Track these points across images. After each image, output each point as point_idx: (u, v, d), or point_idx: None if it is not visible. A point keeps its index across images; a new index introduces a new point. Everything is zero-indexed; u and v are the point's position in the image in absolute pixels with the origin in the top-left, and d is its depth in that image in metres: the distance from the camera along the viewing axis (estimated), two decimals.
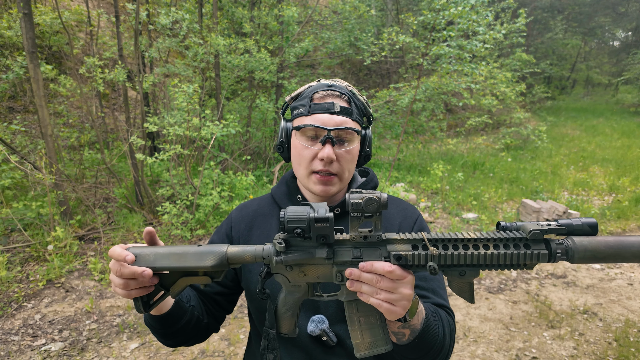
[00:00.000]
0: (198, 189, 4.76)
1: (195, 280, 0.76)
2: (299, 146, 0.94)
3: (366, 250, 0.71)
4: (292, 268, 0.74)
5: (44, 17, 6.20)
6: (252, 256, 0.73)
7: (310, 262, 0.73)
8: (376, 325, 0.76)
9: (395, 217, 1.04)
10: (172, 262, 0.73)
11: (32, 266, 3.82)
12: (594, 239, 0.66)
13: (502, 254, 0.66)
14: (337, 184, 0.95)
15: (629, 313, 3.44)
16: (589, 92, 20.53)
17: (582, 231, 0.67)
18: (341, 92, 0.94)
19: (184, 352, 2.92)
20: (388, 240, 0.70)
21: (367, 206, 0.66)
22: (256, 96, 6.99)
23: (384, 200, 0.66)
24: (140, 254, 0.74)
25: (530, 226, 0.66)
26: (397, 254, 0.69)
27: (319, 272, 0.74)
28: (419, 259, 0.68)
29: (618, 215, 5.59)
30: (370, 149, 1.00)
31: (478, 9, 6.15)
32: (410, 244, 0.70)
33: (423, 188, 6.67)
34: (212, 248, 0.74)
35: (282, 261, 0.71)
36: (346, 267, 0.72)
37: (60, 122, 6.79)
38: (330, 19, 8.77)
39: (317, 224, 0.68)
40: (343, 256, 0.71)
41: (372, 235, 0.70)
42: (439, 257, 0.67)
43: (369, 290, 0.69)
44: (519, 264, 0.67)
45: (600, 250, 0.65)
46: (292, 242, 0.72)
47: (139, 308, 0.76)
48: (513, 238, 0.67)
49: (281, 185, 1.08)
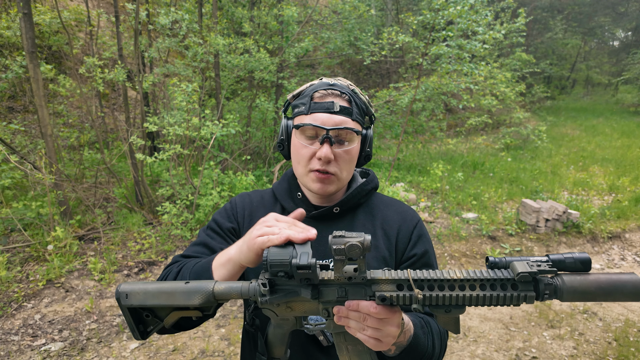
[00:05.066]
0: (198, 189, 4.76)
1: (187, 313, 0.77)
2: (298, 145, 0.94)
3: (351, 289, 0.70)
4: (279, 305, 0.74)
5: (44, 16, 6.19)
6: (238, 294, 0.73)
7: (296, 299, 0.72)
8: (364, 352, 0.76)
9: (394, 220, 1.03)
10: (162, 301, 0.74)
11: (32, 266, 3.82)
12: (585, 279, 0.64)
13: (487, 295, 0.65)
14: (335, 184, 0.95)
15: (629, 313, 3.44)
16: (588, 92, 20.52)
17: (574, 268, 0.65)
18: (342, 91, 0.93)
19: (183, 352, 2.92)
20: (373, 281, 0.69)
21: (350, 252, 0.65)
22: (256, 96, 6.98)
23: (367, 245, 0.64)
24: (131, 292, 0.75)
25: (520, 267, 0.64)
26: (381, 295, 0.68)
27: (306, 308, 0.74)
28: (403, 300, 0.67)
29: (618, 215, 5.59)
30: (370, 149, 1.00)
31: (477, 9, 6.15)
32: (395, 284, 0.68)
33: (423, 188, 6.67)
34: (199, 286, 0.73)
35: (267, 302, 0.71)
36: (332, 304, 0.71)
37: (60, 122, 6.79)
38: (330, 19, 8.77)
39: (300, 270, 0.66)
40: (328, 295, 0.71)
41: (357, 276, 0.68)
42: (423, 299, 0.66)
43: (356, 326, 0.70)
44: (505, 303, 0.66)
45: (591, 291, 0.63)
46: (277, 282, 0.71)
47: (136, 336, 0.78)
48: (500, 279, 0.66)
49: (282, 181, 1.08)
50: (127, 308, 0.76)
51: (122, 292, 0.75)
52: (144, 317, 0.78)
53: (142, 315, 0.78)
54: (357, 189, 1.03)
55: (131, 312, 0.77)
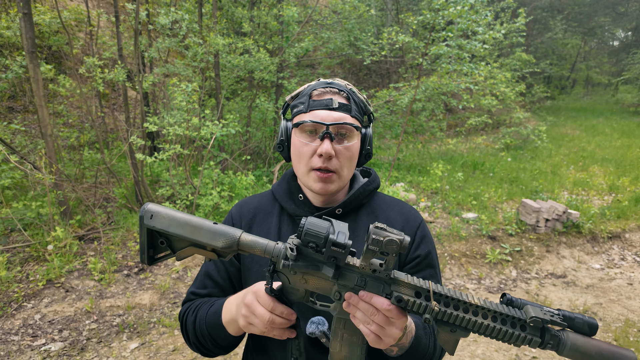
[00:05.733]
0: (198, 189, 4.76)
1: (202, 252, 0.76)
2: (298, 143, 0.94)
3: (371, 282, 0.71)
4: (295, 273, 0.74)
5: (43, 16, 6.20)
6: (262, 250, 0.74)
7: (315, 274, 0.73)
8: (357, 345, 0.78)
9: (397, 221, 1.02)
10: (185, 232, 0.74)
11: (32, 266, 3.82)
12: (588, 342, 0.66)
13: (497, 328, 0.67)
14: (337, 182, 0.94)
15: (629, 313, 3.44)
16: (588, 92, 20.52)
17: (581, 329, 0.68)
18: (340, 89, 0.94)
19: (183, 352, 2.92)
20: (395, 280, 0.71)
21: (387, 247, 0.66)
22: (256, 96, 6.99)
23: (405, 245, 0.65)
24: (157, 214, 0.75)
25: (534, 311, 0.66)
26: (399, 296, 0.69)
27: (320, 285, 0.75)
28: (418, 307, 0.69)
29: (618, 215, 5.59)
30: (371, 147, 0.99)
31: (477, 9, 6.15)
32: (415, 290, 0.70)
33: (423, 188, 6.67)
34: (226, 230, 0.74)
35: (289, 267, 0.72)
36: (347, 289, 0.72)
37: (60, 122, 6.79)
38: (330, 19, 8.77)
39: (334, 247, 0.67)
40: (347, 280, 0.72)
41: (382, 271, 0.70)
42: (437, 313, 0.68)
43: (362, 318, 0.71)
44: (510, 341, 0.68)
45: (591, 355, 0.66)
46: (303, 251, 0.72)
47: (143, 260, 0.78)
48: (513, 317, 0.68)
49: (282, 182, 1.07)
50: (147, 228, 0.76)
51: (148, 211, 0.75)
52: (158, 244, 0.78)
53: (157, 241, 0.78)
54: (359, 189, 1.02)
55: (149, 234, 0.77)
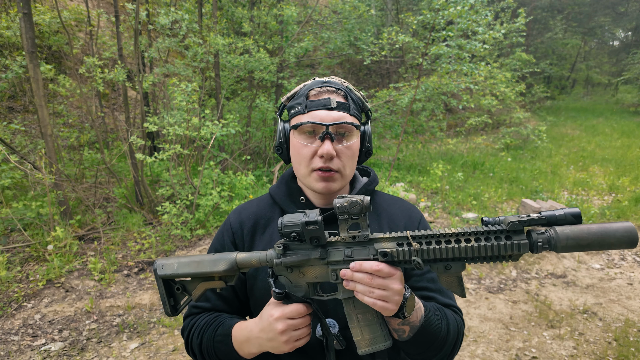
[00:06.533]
0: (198, 189, 4.76)
1: (212, 284, 0.86)
2: (298, 145, 0.93)
3: (356, 249, 0.76)
4: (292, 270, 0.80)
5: (43, 16, 6.19)
6: (257, 261, 0.82)
7: (307, 263, 0.79)
8: (374, 322, 0.80)
9: (399, 217, 1.03)
10: (192, 269, 0.85)
11: (32, 266, 3.82)
12: (576, 227, 0.66)
13: (482, 246, 0.69)
14: (339, 181, 0.94)
15: (629, 313, 3.44)
16: (588, 92, 20.52)
17: (565, 221, 0.67)
18: (337, 87, 0.93)
19: (183, 352, 2.92)
20: (375, 239, 0.76)
21: (351, 208, 0.72)
22: (256, 96, 6.99)
23: (366, 203, 0.72)
24: (166, 263, 0.86)
25: (511, 218, 0.68)
26: (383, 251, 0.74)
27: (316, 273, 0.80)
28: (403, 255, 0.73)
29: (618, 215, 5.59)
30: (370, 144, 0.99)
31: (477, 9, 6.15)
32: (396, 242, 0.74)
33: (423, 188, 6.67)
34: (224, 256, 0.84)
35: (281, 263, 0.79)
36: (340, 266, 0.77)
37: (60, 122, 6.79)
38: (330, 19, 8.77)
39: (308, 226, 0.74)
40: (335, 256, 0.77)
41: (360, 235, 0.76)
42: (421, 252, 0.72)
43: (363, 289, 0.73)
44: (501, 255, 0.69)
45: (583, 237, 0.64)
46: (290, 246, 0.80)
47: (167, 311, 0.88)
48: (494, 230, 0.69)
49: (281, 185, 1.05)
50: (162, 279, 0.86)
51: (159, 264, 0.86)
52: (175, 291, 0.88)
53: (174, 288, 0.88)
54: (362, 189, 1.02)
55: (165, 284, 0.87)
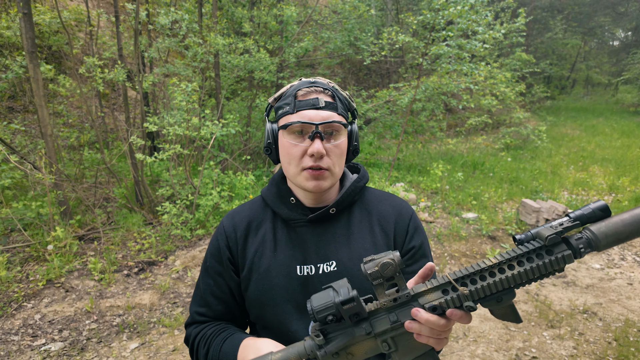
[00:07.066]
0: (198, 189, 4.76)
1: None
2: (287, 145, 0.93)
3: (401, 311, 0.70)
4: (339, 354, 0.71)
5: (43, 16, 6.20)
6: (297, 356, 0.72)
7: (353, 342, 0.71)
8: None
9: (389, 214, 1.04)
10: None
11: (32, 266, 3.82)
12: (610, 222, 0.64)
13: (528, 269, 0.65)
14: (329, 179, 0.94)
15: (629, 313, 3.44)
16: (588, 92, 20.53)
17: (595, 218, 0.65)
18: (324, 87, 0.95)
19: (184, 352, 2.92)
20: (418, 295, 0.69)
21: (385, 271, 0.66)
22: (256, 96, 6.99)
23: (398, 260, 0.66)
24: None
25: (545, 232, 0.65)
26: (432, 306, 0.68)
27: (366, 349, 0.72)
28: (453, 303, 0.67)
29: None
30: (357, 143, 1.01)
31: (477, 9, 6.15)
32: (440, 290, 0.68)
33: (423, 188, 6.67)
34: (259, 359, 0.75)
35: (326, 353, 0.70)
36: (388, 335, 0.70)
37: (60, 122, 6.79)
38: (330, 19, 8.77)
39: (345, 306, 0.66)
40: (381, 325, 0.70)
41: (401, 295, 0.69)
42: (471, 295, 0.66)
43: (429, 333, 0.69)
44: (548, 272, 0.66)
45: (620, 230, 0.62)
46: (328, 330, 0.71)
47: None
48: (533, 249, 0.66)
49: (271, 187, 1.06)
50: None
51: None
52: None
53: None
54: (351, 187, 1.03)
55: None
